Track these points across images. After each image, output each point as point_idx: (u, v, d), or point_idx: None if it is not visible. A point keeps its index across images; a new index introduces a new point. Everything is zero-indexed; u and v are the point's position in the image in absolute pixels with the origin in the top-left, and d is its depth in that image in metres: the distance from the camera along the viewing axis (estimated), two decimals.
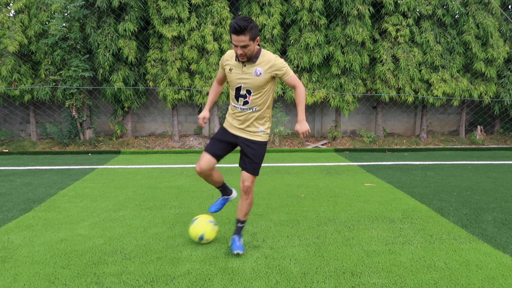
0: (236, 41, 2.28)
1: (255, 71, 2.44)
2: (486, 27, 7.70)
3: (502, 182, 4.81)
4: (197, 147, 8.13)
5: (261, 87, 2.49)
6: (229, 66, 2.54)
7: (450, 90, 7.95)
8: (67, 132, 7.87)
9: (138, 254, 2.65)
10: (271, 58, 2.46)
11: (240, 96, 2.54)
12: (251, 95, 2.50)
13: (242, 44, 2.28)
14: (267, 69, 2.45)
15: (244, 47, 2.30)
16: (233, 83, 2.54)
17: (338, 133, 8.46)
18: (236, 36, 2.25)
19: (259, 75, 2.45)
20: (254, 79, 2.45)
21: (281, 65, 2.47)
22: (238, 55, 2.37)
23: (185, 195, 4.20)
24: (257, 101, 2.53)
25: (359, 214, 3.52)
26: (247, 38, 2.26)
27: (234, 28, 2.23)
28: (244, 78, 2.47)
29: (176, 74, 7.69)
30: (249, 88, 2.49)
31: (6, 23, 7.28)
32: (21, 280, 2.30)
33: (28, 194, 4.25)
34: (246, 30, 2.23)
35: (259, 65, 2.44)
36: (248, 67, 2.46)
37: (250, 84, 2.47)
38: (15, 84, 7.47)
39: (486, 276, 2.33)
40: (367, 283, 2.26)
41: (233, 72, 2.52)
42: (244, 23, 2.22)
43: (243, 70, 2.47)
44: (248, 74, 2.46)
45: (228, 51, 2.58)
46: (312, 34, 7.59)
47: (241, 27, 2.21)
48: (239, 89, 2.52)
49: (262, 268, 2.45)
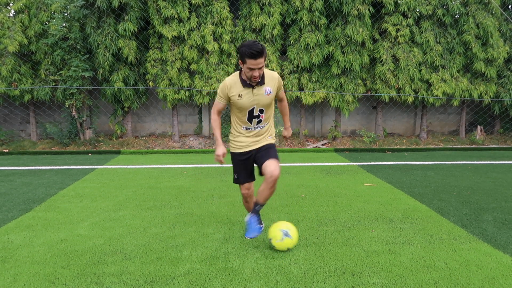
0: (255, 64, 2.38)
1: (265, 91, 2.59)
2: (486, 27, 7.70)
3: (502, 182, 4.81)
4: (197, 147, 8.14)
5: (270, 104, 2.67)
6: (238, 93, 2.57)
7: (450, 90, 7.95)
8: (67, 132, 7.87)
9: (138, 254, 2.65)
10: (274, 75, 2.64)
11: (254, 117, 2.67)
12: (263, 113, 2.67)
13: (260, 66, 2.40)
14: (274, 86, 2.64)
15: (260, 69, 2.43)
16: (245, 107, 2.61)
17: (338, 133, 8.46)
18: (255, 60, 2.36)
19: (269, 94, 2.61)
20: (266, 98, 2.60)
21: (281, 80, 2.72)
22: (254, 77, 2.45)
23: (185, 195, 4.20)
24: (267, 116, 2.73)
25: (359, 214, 3.52)
26: (263, 59, 2.39)
27: (252, 54, 2.33)
28: (257, 99, 2.59)
29: (176, 74, 7.69)
30: (262, 108, 2.64)
31: (6, 23, 7.28)
32: (21, 280, 2.30)
33: (28, 194, 4.25)
34: (263, 51, 2.36)
35: (267, 84, 2.60)
36: (258, 88, 2.57)
37: (263, 104, 2.62)
38: (15, 84, 7.47)
39: (486, 276, 2.33)
40: (367, 283, 2.26)
41: (244, 97, 2.57)
42: (259, 46, 2.33)
43: (254, 93, 2.57)
44: (260, 95, 2.59)
45: (227, 80, 2.59)
46: (312, 34, 7.59)
47: (259, 51, 2.32)
48: (252, 111, 2.63)
49: (262, 268, 2.45)
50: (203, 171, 5.53)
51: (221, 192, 4.32)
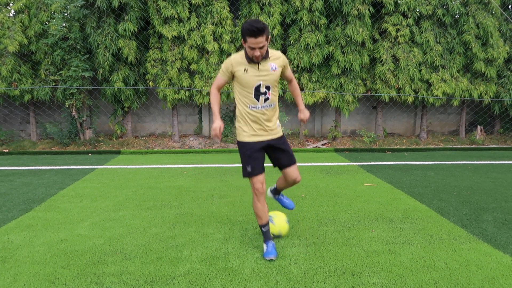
0: (254, 43, 2.33)
1: (271, 67, 2.53)
2: (486, 27, 7.70)
3: (502, 182, 4.81)
4: (197, 147, 8.13)
5: (276, 81, 2.59)
6: (243, 68, 2.51)
7: (450, 90, 7.95)
8: (67, 132, 7.87)
9: (138, 254, 2.65)
10: (278, 53, 2.61)
11: (260, 94, 2.55)
12: (270, 90, 2.57)
13: (261, 45, 2.34)
14: (278, 63, 2.57)
15: (261, 48, 2.37)
16: (251, 83, 2.51)
17: (338, 133, 8.46)
18: (255, 38, 2.31)
19: (275, 70, 2.55)
20: (272, 74, 2.54)
21: (286, 58, 2.65)
22: (256, 56, 2.40)
23: (185, 195, 4.20)
24: (274, 96, 2.61)
25: (359, 214, 3.52)
26: (264, 38, 2.33)
27: (253, 31, 2.28)
28: (263, 75, 2.52)
29: (176, 74, 7.69)
30: (268, 84, 2.55)
31: (6, 23, 7.28)
32: (21, 280, 2.30)
33: (28, 194, 4.25)
34: (264, 31, 2.30)
35: (273, 61, 2.54)
36: (263, 64, 2.52)
37: (269, 80, 2.54)
38: (15, 84, 7.47)
39: (486, 276, 2.33)
40: (367, 283, 2.26)
41: (249, 72, 2.51)
42: (261, 24, 2.28)
43: (259, 68, 2.51)
44: (265, 71, 2.52)
45: (233, 56, 2.57)
46: (312, 34, 7.59)
47: (259, 29, 2.27)
48: (259, 87, 2.53)
49: (262, 268, 2.45)
50: (203, 171, 5.53)
51: (221, 192, 4.32)
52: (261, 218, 2.63)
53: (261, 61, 2.50)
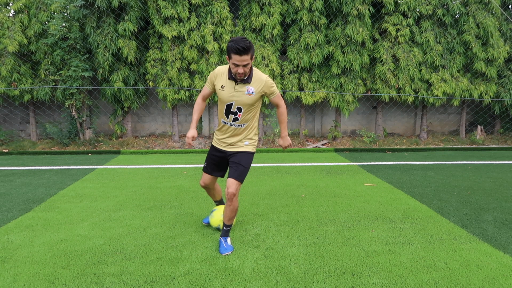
0: (239, 61, 2.36)
1: (247, 90, 2.54)
2: (486, 26, 7.70)
3: (502, 182, 4.81)
4: (197, 147, 8.13)
5: (251, 105, 2.60)
6: (221, 83, 2.58)
7: (450, 90, 7.94)
8: (67, 132, 7.86)
9: (138, 254, 2.65)
10: (263, 78, 2.57)
11: (230, 113, 2.62)
12: (241, 112, 2.61)
13: (245, 63, 2.38)
14: (257, 88, 2.56)
15: (245, 66, 2.40)
16: (224, 100, 2.61)
17: (338, 133, 8.46)
18: (240, 56, 2.34)
19: (251, 94, 2.55)
20: (245, 97, 2.55)
21: (271, 85, 2.60)
22: (239, 74, 2.44)
23: (185, 195, 4.19)
24: (246, 117, 2.66)
25: (359, 214, 3.52)
26: (249, 57, 2.36)
27: (237, 49, 2.31)
28: (236, 96, 2.55)
29: (176, 74, 7.68)
30: (240, 106, 2.58)
31: (6, 23, 7.28)
32: (21, 280, 2.29)
33: (28, 194, 4.25)
34: (249, 49, 2.33)
35: (252, 85, 2.55)
36: (240, 85, 2.54)
37: (242, 102, 2.56)
38: (15, 84, 7.47)
39: (487, 276, 2.33)
40: (367, 283, 2.25)
41: (225, 89, 2.56)
42: (246, 43, 2.31)
43: (235, 88, 2.54)
44: (240, 92, 2.54)
45: (219, 68, 2.60)
46: (312, 34, 7.59)
47: (244, 48, 2.30)
48: (230, 106, 2.60)
49: (262, 268, 2.44)
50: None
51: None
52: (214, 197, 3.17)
53: (239, 82, 2.52)
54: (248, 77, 2.52)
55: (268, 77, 2.61)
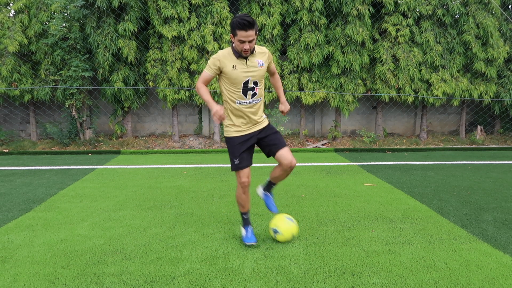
0: (245, 36, 2.38)
1: (258, 63, 2.60)
2: (486, 27, 7.70)
3: (502, 182, 4.81)
4: (197, 147, 8.13)
5: (263, 77, 2.67)
6: (231, 64, 2.55)
7: (450, 90, 7.95)
8: (67, 132, 7.87)
9: (138, 254, 2.65)
10: (263, 49, 2.68)
11: (248, 89, 2.61)
12: (258, 86, 2.64)
13: (251, 39, 2.40)
14: (264, 58, 2.66)
15: (251, 42, 2.42)
16: (239, 79, 2.56)
17: (338, 133, 8.46)
18: (245, 31, 2.36)
19: (262, 66, 2.62)
20: (259, 70, 2.61)
21: (271, 53, 2.75)
22: (244, 50, 2.45)
23: (185, 195, 4.20)
24: (261, 91, 2.69)
25: (359, 214, 3.52)
26: (253, 32, 2.39)
27: (243, 24, 2.34)
28: (251, 71, 2.58)
29: (176, 74, 7.69)
30: (256, 80, 2.62)
31: (6, 23, 7.28)
32: (21, 280, 2.30)
33: (28, 194, 4.25)
34: (254, 24, 2.37)
35: (258, 57, 2.62)
36: (251, 60, 2.58)
37: (257, 75, 2.60)
38: (15, 84, 7.47)
39: (486, 276, 2.33)
40: (367, 283, 2.26)
41: (238, 68, 2.55)
42: (250, 18, 2.36)
43: (247, 64, 2.57)
44: (253, 67, 2.58)
45: (220, 52, 2.60)
46: (312, 34, 7.59)
47: (250, 22, 2.34)
48: (247, 83, 2.59)
49: (262, 268, 2.45)
50: (203, 171, 5.53)
51: (221, 192, 4.32)
52: (244, 207, 2.81)
53: (249, 57, 2.56)
54: (253, 50, 2.58)
55: (265, 47, 2.76)
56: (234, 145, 2.68)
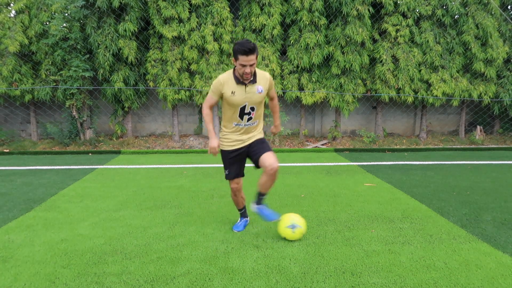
0: (246, 61, 2.48)
1: (257, 89, 2.69)
2: (486, 27, 7.71)
3: (501, 182, 4.82)
4: (197, 147, 8.14)
5: (261, 102, 2.77)
6: (230, 90, 2.66)
7: (449, 90, 7.95)
8: (68, 132, 7.87)
9: (138, 254, 2.66)
10: (266, 75, 2.75)
11: (245, 114, 2.74)
12: (254, 111, 2.76)
13: (252, 63, 2.50)
14: (264, 85, 2.73)
15: (252, 66, 2.52)
16: (237, 104, 2.68)
17: (338, 133, 8.47)
18: (247, 56, 2.47)
19: (261, 92, 2.71)
20: (257, 96, 2.70)
21: (272, 80, 2.83)
22: (246, 74, 2.55)
23: (185, 195, 4.20)
24: (258, 114, 2.81)
25: (359, 214, 3.52)
26: (254, 56, 2.49)
27: (245, 50, 2.44)
28: (249, 97, 2.68)
29: (176, 74, 7.69)
30: (253, 105, 2.73)
31: (7, 24, 7.29)
32: (21, 279, 2.31)
33: (29, 194, 4.26)
34: (255, 49, 2.47)
35: (259, 83, 2.70)
36: (250, 86, 2.67)
37: (254, 101, 2.71)
38: (16, 84, 7.48)
39: (486, 276, 2.34)
40: (367, 282, 2.26)
41: (236, 94, 2.66)
42: (251, 44, 2.45)
43: (246, 90, 2.67)
44: (251, 93, 2.68)
45: (221, 77, 2.69)
46: (312, 34, 7.60)
47: (250, 48, 2.44)
48: (244, 108, 2.71)
49: (262, 268, 2.45)
50: (203, 171, 5.54)
51: (221, 192, 4.32)
52: (238, 205, 3.15)
53: (248, 85, 2.66)
54: (254, 76, 2.66)
55: (267, 73, 2.85)
56: (225, 158, 2.90)
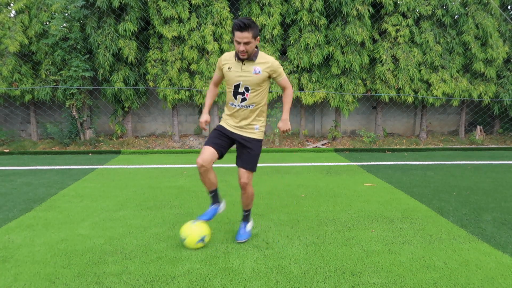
0: (239, 37, 2.44)
1: (254, 70, 2.61)
2: (486, 27, 7.71)
3: (501, 182, 4.82)
4: (197, 147, 8.14)
5: (259, 85, 2.65)
6: (228, 65, 2.68)
7: (449, 90, 7.96)
8: (68, 132, 7.87)
9: (138, 254, 2.66)
10: (269, 59, 2.65)
11: (238, 93, 2.67)
12: (249, 92, 2.65)
13: (246, 41, 2.45)
14: (265, 68, 2.62)
15: (247, 44, 2.47)
16: (232, 81, 2.66)
17: (338, 133, 8.47)
18: (240, 33, 2.42)
19: (258, 73, 2.61)
20: (252, 76, 2.61)
21: (277, 66, 2.66)
22: (240, 51, 2.50)
23: (185, 195, 4.20)
24: (254, 98, 2.68)
25: (359, 214, 3.53)
26: (250, 35, 2.44)
27: (238, 25, 2.41)
28: (243, 75, 2.62)
29: (176, 74, 7.69)
30: (248, 86, 2.64)
31: (7, 23, 7.29)
32: (21, 279, 2.31)
33: (29, 194, 4.26)
34: (249, 27, 2.42)
35: (258, 64, 2.62)
36: (247, 65, 2.62)
37: (249, 81, 2.62)
38: (16, 84, 7.48)
39: (486, 276, 2.34)
40: (367, 283, 2.26)
41: (232, 70, 2.65)
42: (248, 21, 2.42)
43: (242, 68, 2.62)
44: (247, 72, 2.61)
45: (226, 53, 2.74)
46: (312, 34, 7.60)
47: (245, 24, 2.40)
48: (238, 86, 2.65)
49: (262, 268, 2.45)
50: None
51: (221, 192, 4.30)
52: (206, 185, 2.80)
53: (245, 62, 2.60)
54: (254, 56, 2.59)
55: (275, 59, 2.70)
56: (215, 129, 2.82)
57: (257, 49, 2.62)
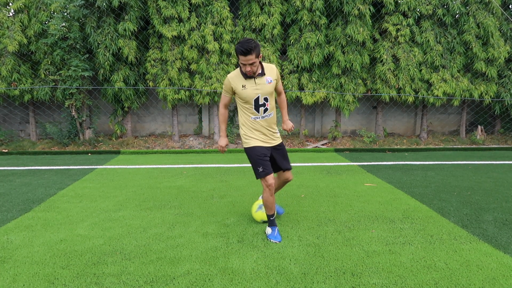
0: (244, 61, 2.64)
1: (266, 80, 2.83)
2: (487, 26, 7.69)
3: (502, 182, 4.81)
4: (197, 147, 8.13)
5: (272, 93, 2.89)
6: (241, 84, 2.81)
7: (450, 90, 7.94)
8: (67, 132, 7.86)
9: (138, 254, 2.64)
10: (272, 67, 2.90)
11: (260, 106, 2.85)
12: (268, 101, 2.87)
13: (250, 62, 2.65)
14: (273, 76, 2.88)
15: (252, 65, 2.67)
16: (250, 97, 2.82)
17: (338, 133, 8.46)
18: (245, 56, 2.62)
19: (271, 82, 2.85)
20: (268, 86, 2.83)
21: (278, 72, 2.95)
22: (247, 72, 2.71)
23: (185, 195, 4.19)
24: (272, 105, 2.91)
25: (359, 214, 3.51)
26: (253, 56, 2.63)
27: (242, 51, 2.60)
28: (259, 88, 2.81)
29: (176, 74, 7.68)
30: (266, 96, 2.85)
31: (6, 23, 7.27)
32: (20, 280, 2.29)
33: (28, 194, 4.25)
34: (252, 50, 2.60)
35: (268, 75, 2.84)
36: (259, 78, 2.82)
37: (266, 91, 2.83)
38: (15, 84, 7.47)
39: (487, 277, 2.32)
40: (367, 283, 2.25)
41: (248, 87, 2.81)
42: (249, 45, 2.59)
43: (256, 82, 2.81)
44: (261, 85, 2.82)
45: (229, 75, 2.88)
46: (312, 34, 7.58)
47: (248, 49, 2.58)
48: (258, 99, 2.84)
49: (262, 268, 2.44)
50: (203, 171, 5.52)
51: (221, 192, 4.31)
52: (271, 209, 2.97)
53: (257, 77, 2.80)
54: (262, 70, 2.80)
55: (273, 65, 2.95)
56: (256, 154, 2.88)
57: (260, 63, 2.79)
